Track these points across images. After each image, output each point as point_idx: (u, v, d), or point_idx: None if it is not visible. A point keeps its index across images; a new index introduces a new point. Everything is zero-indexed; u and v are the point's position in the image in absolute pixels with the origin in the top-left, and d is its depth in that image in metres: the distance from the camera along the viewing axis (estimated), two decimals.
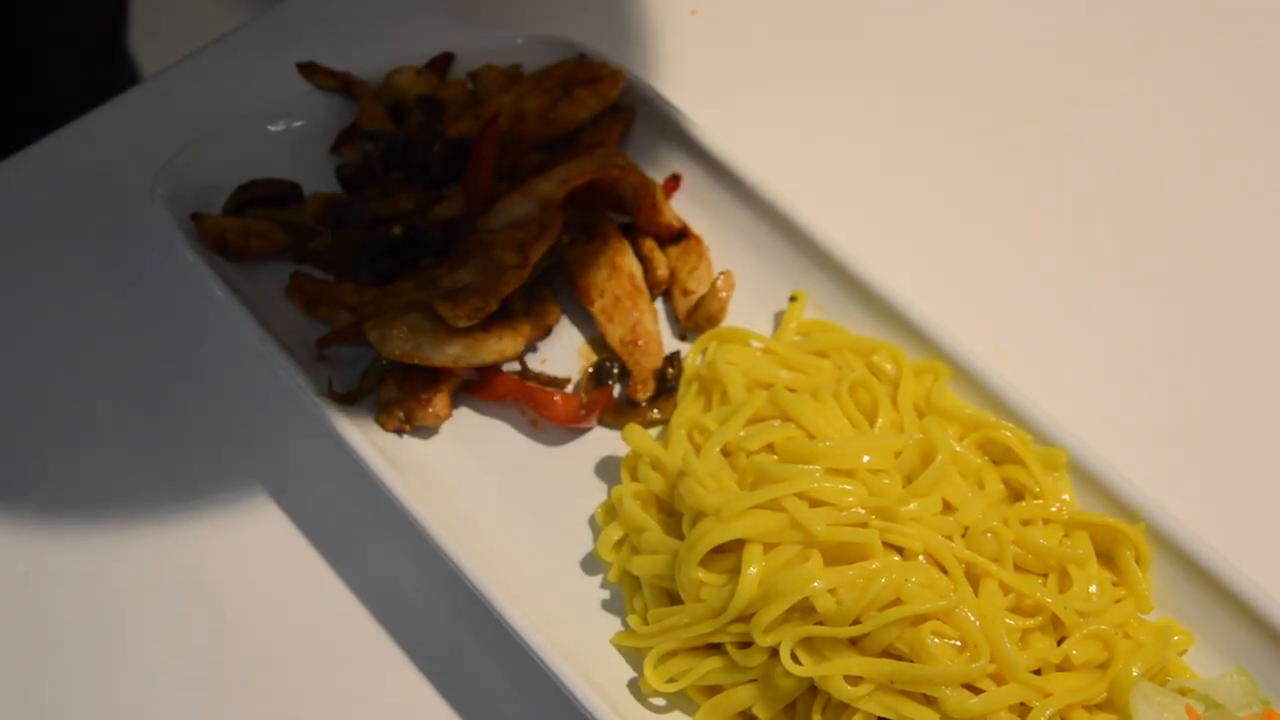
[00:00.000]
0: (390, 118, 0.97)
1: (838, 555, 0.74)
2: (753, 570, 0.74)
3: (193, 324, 0.92)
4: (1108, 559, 0.79)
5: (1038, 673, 0.73)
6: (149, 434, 0.88)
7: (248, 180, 0.93)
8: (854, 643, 0.73)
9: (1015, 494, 0.81)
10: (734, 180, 0.94)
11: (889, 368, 0.86)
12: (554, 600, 0.79)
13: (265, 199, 0.93)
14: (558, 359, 0.91)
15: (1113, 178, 1.02)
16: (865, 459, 0.77)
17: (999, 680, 0.72)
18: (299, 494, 0.85)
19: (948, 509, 0.78)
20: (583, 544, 0.83)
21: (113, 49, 1.39)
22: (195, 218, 0.91)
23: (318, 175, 0.96)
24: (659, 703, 0.77)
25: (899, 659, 0.72)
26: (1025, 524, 0.79)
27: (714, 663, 0.75)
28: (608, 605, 0.81)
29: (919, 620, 0.72)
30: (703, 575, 0.76)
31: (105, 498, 0.85)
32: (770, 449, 0.80)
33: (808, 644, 0.73)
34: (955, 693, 0.71)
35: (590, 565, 0.82)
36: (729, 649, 0.75)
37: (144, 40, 1.48)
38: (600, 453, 0.86)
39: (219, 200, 0.93)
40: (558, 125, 0.97)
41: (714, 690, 0.76)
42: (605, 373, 0.89)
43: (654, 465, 0.83)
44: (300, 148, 0.97)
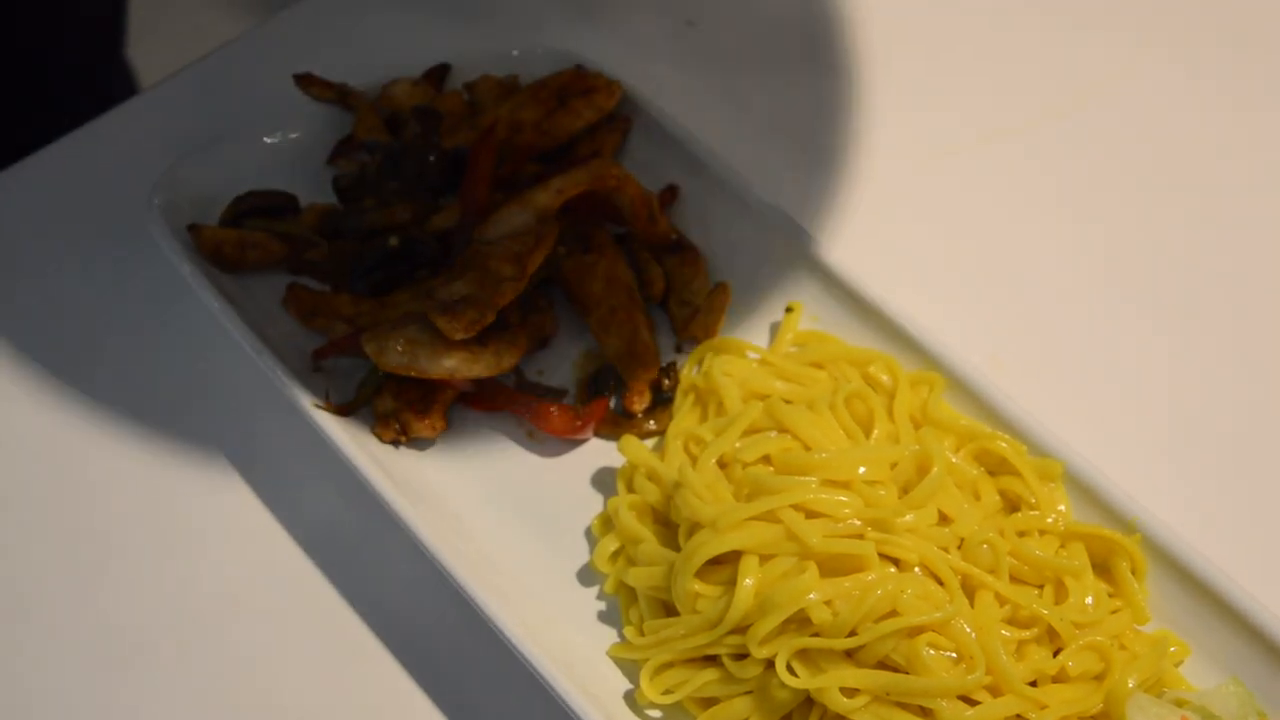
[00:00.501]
0: (386, 129, 0.97)
1: (834, 567, 0.74)
2: (749, 582, 0.74)
3: (189, 335, 0.92)
4: (1103, 570, 0.79)
5: (1034, 684, 0.73)
6: (144, 443, 0.88)
7: (244, 191, 0.94)
8: (850, 654, 0.73)
9: (1011, 505, 0.81)
10: (730, 191, 0.94)
11: (885, 378, 0.86)
12: (550, 611, 0.79)
13: (262, 210, 0.93)
14: (554, 370, 0.91)
15: (1109, 188, 1.02)
16: (861, 470, 0.77)
17: (995, 692, 0.72)
18: (295, 507, 0.85)
19: (943, 520, 0.78)
20: (579, 555, 0.83)
21: (111, 55, 1.39)
22: (192, 229, 0.91)
23: (314, 186, 0.96)
24: (655, 714, 0.77)
25: (895, 671, 0.72)
26: (1021, 535, 0.79)
27: (710, 674, 0.75)
28: (604, 616, 0.81)
29: (915, 632, 0.72)
30: (699, 587, 0.76)
31: (100, 505, 0.86)
32: (766, 460, 0.80)
33: (804, 656, 0.73)
34: (951, 704, 0.71)
35: (586, 576, 0.82)
36: (725, 661, 0.75)
37: (141, 49, 1.48)
38: (596, 464, 0.87)
39: (216, 211, 0.93)
40: (554, 136, 0.97)
41: (710, 702, 0.76)
42: (601, 384, 0.89)
43: (650, 476, 0.82)
44: (297, 159, 0.97)
